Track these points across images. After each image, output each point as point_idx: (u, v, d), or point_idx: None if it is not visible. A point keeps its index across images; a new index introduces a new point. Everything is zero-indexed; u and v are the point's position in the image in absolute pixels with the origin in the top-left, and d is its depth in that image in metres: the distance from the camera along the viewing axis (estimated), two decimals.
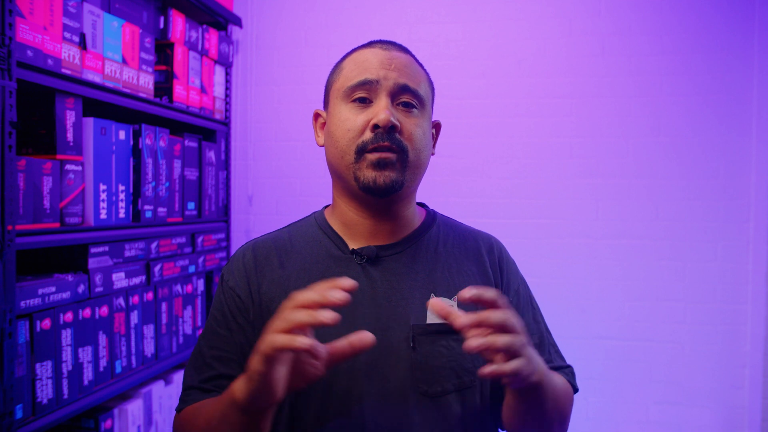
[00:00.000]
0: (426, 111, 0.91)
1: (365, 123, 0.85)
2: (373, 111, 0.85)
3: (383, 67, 0.87)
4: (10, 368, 1.23)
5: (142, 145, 1.73)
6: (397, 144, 0.84)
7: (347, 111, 0.87)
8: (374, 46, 0.91)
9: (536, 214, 2.38)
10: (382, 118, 0.83)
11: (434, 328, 0.85)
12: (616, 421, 2.32)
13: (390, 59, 0.88)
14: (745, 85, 2.25)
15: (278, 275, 0.90)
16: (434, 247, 0.93)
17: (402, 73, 0.87)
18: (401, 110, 0.87)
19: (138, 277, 1.73)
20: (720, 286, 2.27)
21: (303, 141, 2.52)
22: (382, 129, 0.83)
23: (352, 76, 0.88)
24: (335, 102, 0.90)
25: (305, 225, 0.97)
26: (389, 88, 0.86)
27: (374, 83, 0.86)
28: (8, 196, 1.24)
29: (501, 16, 2.40)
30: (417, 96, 0.88)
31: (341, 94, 0.89)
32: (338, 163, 0.88)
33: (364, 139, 0.85)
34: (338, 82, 0.90)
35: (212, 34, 2.22)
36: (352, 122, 0.86)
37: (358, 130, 0.85)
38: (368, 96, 0.87)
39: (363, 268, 0.89)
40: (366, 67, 0.87)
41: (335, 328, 0.84)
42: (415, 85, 0.88)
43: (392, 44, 0.91)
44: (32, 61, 1.32)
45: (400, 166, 0.85)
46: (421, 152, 0.88)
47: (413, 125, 0.87)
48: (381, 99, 0.86)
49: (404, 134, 0.86)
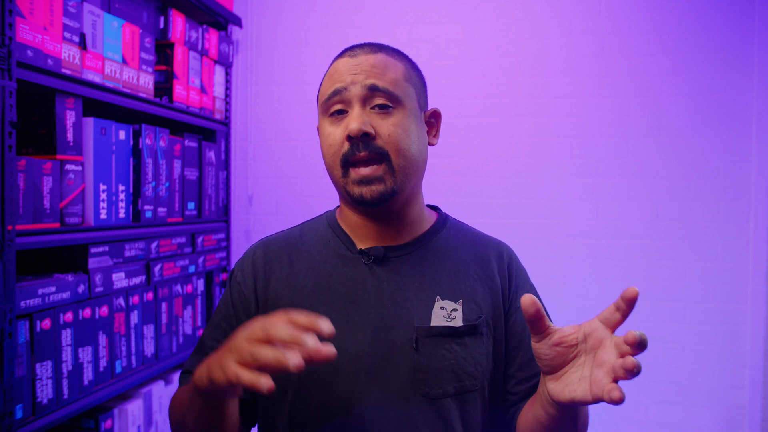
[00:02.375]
0: (407, 107, 0.87)
1: (343, 135, 0.85)
2: (346, 122, 0.85)
3: (350, 72, 0.86)
4: (10, 368, 1.23)
5: (142, 145, 1.73)
6: (376, 151, 0.83)
7: (328, 125, 0.88)
8: (344, 55, 0.90)
9: (536, 214, 2.38)
10: (353, 128, 0.82)
11: (438, 330, 0.86)
12: (615, 421, 2.32)
13: (357, 64, 0.86)
14: (745, 85, 2.25)
15: (287, 273, 0.91)
16: (443, 251, 0.93)
17: (369, 74, 0.85)
18: (377, 113, 0.85)
19: (138, 277, 1.73)
20: (720, 286, 2.27)
21: (303, 141, 2.52)
22: (355, 139, 0.83)
23: (325, 89, 0.89)
24: (320, 117, 0.91)
25: (317, 224, 0.98)
26: (359, 94, 0.85)
27: (344, 91, 0.85)
28: (8, 196, 1.24)
29: (501, 16, 2.40)
30: (390, 94, 0.85)
31: (321, 109, 0.90)
32: (331, 175, 0.90)
33: (343, 151, 0.85)
34: (319, 98, 0.92)
35: (212, 34, 2.22)
36: (332, 137, 0.86)
37: (338, 143, 0.86)
38: (344, 107, 0.86)
39: (370, 268, 0.89)
40: (335, 78, 0.87)
41: (338, 325, 0.85)
42: (386, 83, 0.85)
43: (362, 47, 0.90)
44: (32, 61, 1.32)
45: (388, 175, 0.84)
46: (408, 151, 0.85)
47: (391, 126, 0.84)
48: (353, 108, 0.85)
49: (382, 138, 0.84)
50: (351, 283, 0.88)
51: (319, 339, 0.63)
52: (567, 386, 0.68)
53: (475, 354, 0.87)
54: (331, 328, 0.63)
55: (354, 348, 0.84)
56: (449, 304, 0.88)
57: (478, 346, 0.87)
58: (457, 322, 0.87)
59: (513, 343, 0.91)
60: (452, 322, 0.86)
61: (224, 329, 0.91)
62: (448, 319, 0.87)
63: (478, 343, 0.87)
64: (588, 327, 0.68)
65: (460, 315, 0.87)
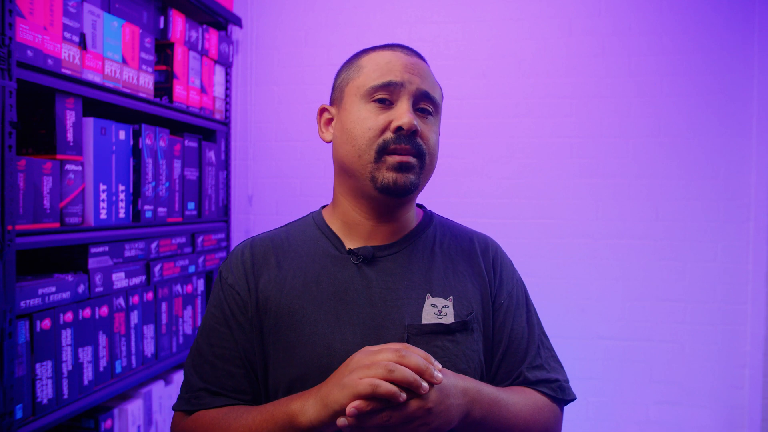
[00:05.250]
0: (438, 118, 0.92)
1: (386, 123, 0.85)
2: (396, 113, 0.86)
3: (407, 71, 0.87)
4: (10, 368, 1.23)
5: (142, 145, 1.73)
6: (417, 148, 0.85)
7: (367, 110, 0.87)
8: (396, 49, 0.91)
9: (536, 214, 2.38)
10: (406, 121, 0.84)
11: (429, 328, 0.86)
12: (616, 421, 2.32)
13: (413, 65, 0.89)
14: (745, 85, 2.25)
15: (275, 274, 0.90)
16: (431, 248, 0.93)
17: (423, 79, 0.89)
18: (419, 116, 0.88)
19: (138, 277, 1.73)
20: (720, 286, 2.27)
21: (303, 141, 2.52)
22: (405, 132, 0.84)
23: (375, 76, 0.87)
24: (353, 100, 0.89)
25: (303, 224, 0.97)
26: (412, 93, 0.87)
27: (398, 86, 0.86)
28: (8, 196, 1.24)
29: (501, 16, 2.40)
30: (434, 103, 0.90)
31: (362, 92, 0.88)
32: (353, 161, 0.87)
33: (385, 138, 0.85)
34: (358, 80, 0.89)
35: (212, 34, 2.22)
36: (372, 121, 0.86)
37: (378, 129, 0.85)
38: (389, 98, 0.87)
39: (359, 268, 0.89)
40: (390, 69, 0.87)
41: (328, 325, 0.85)
42: (433, 92, 0.90)
43: (413, 50, 0.93)
44: (32, 61, 1.32)
45: (418, 170, 0.87)
46: (434, 157, 0.90)
47: (429, 131, 0.88)
48: (403, 102, 0.86)
49: (423, 139, 0.87)
50: (340, 283, 0.88)
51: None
52: None
53: (467, 350, 0.87)
54: (441, 378, 0.72)
55: (344, 348, 0.83)
56: (440, 301, 0.88)
57: (469, 343, 0.87)
58: (449, 319, 0.87)
59: (496, 338, 0.92)
60: (443, 319, 0.86)
61: (224, 333, 0.89)
62: (439, 316, 0.87)
63: (469, 340, 0.87)
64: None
65: (451, 312, 0.87)
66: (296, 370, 0.84)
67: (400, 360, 0.70)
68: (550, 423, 0.89)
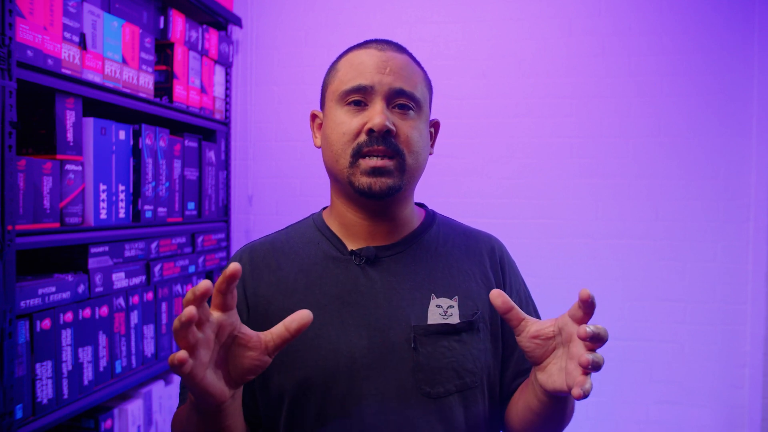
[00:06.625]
0: (423, 112, 0.89)
1: (360, 126, 0.84)
2: (368, 115, 0.84)
3: (378, 71, 0.85)
4: (10, 368, 1.23)
5: (142, 145, 1.73)
6: (393, 148, 0.84)
7: (342, 114, 0.86)
8: (369, 46, 0.89)
9: (536, 214, 2.38)
10: (377, 123, 0.82)
11: (435, 328, 0.85)
12: (616, 421, 2.32)
13: (385, 61, 0.86)
14: (745, 85, 2.25)
15: (276, 277, 0.90)
16: (434, 248, 0.93)
17: (397, 76, 0.86)
18: (397, 113, 0.86)
19: (138, 277, 1.73)
20: (720, 286, 2.27)
21: (303, 141, 2.52)
22: (377, 133, 0.83)
23: (346, 79, 0.87)
24: (330, 104, 0.89)
25: (303, 227, 0.97)
26: (384, 93, 0.85)
27: (369, 89, 0.85)
28: (8, 196, 1.24)
29: (501, 16, 2.40)
30: (413, 98, 0.86)
31: (336, 96, 0.88)
32: (332, 165, 0.88)
33: (359, 141, 0.84)
34: (333, 85, 0.89)
35: (212, 34, 2.22)
36: (347, 125, 0.85)
37: (352, 133, 0.85)
38: (363, 99, 0.86)
39: (362, 269, 0.88)
40: (361, 71, 0.86)
41: (333, 328, 0.84)
42: (411, 87, 0.86)
43: (388, 44, 0.90)
44: (32, 61, 1.32)
45: (398, 172, 0.85)
46: (419, 155, 0.87)
47: (409, 128, 0.86)
48: (376, 103, 0.85)
49: (400, 138, 0.85)
50: (343, 285, 0.87)
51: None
52: (550, 377, 0.73)
53: (473, 350, 0.87)
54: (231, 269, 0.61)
55: (349, 350, 0.83)
56: (445, 301, 0.87)
57: (476, 342, 0.87)
58: (454, 319, 0.86)
59: (511, 340, 0.92)
60: (449, 319, 0.86)
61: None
62: (445, 316, 0.86)
63: (475, 339, 0.87)
64: (561, 321, 0.73)
65: (457, 312, 0.87)
66: (301, 374, 0.84)
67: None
68: (572, 411, 0.90)
